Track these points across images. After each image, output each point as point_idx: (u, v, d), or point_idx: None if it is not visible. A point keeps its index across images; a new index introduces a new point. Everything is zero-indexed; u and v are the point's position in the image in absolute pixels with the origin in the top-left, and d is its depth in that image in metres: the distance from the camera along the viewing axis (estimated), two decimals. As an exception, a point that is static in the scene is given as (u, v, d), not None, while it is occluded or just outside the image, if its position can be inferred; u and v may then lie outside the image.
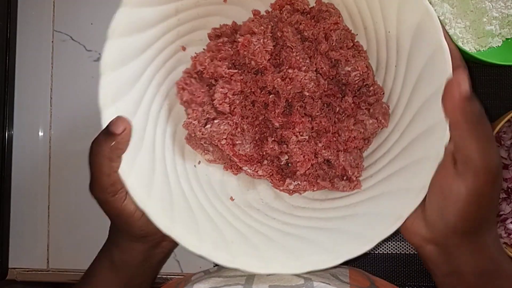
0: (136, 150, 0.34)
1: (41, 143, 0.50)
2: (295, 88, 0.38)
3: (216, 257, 0.32)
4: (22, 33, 0.50)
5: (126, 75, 0.34)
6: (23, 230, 0.50)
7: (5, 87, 0.49)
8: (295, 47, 0.38)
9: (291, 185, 0.40)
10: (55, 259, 0.50)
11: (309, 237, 0.35)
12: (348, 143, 0.39)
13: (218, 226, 0.36)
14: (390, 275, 0.46)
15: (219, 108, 0.38)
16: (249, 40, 0.38)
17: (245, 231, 0.36)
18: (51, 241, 0.50)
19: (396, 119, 0.38)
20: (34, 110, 0.50)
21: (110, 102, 0.32)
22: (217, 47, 0.40)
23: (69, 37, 0.50)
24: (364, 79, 0.39)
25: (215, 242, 0.34)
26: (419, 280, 0.46)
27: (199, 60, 0.39)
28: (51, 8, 0.50)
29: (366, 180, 0.38)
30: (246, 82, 0.39)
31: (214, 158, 0.41)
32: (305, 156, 0.39)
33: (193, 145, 0.41)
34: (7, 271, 0.49)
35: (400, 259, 0.47)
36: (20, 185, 0.50)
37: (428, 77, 0.33)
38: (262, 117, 0.40)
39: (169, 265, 0.48)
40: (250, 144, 0.40)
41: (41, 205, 0.50)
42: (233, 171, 0.42)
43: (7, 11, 0.49)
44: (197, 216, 0.36)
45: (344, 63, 0.38)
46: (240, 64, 0.40)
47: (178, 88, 0.40)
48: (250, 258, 0.33)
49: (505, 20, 0.43)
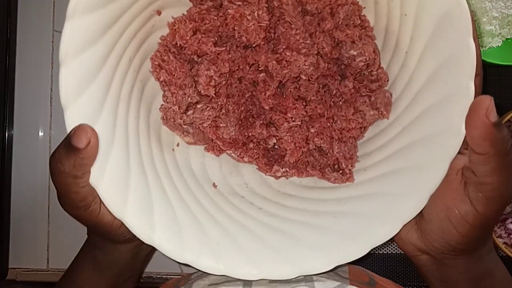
0: (107, 149, 0.29)
1: (41, 143, 0.50)
2: (291, 72, 0.33)
3: (202, 265, 0.30)
4: (22, 33, 0.50)
5: (91, 59, 0.28)
6: (23, 230, 0.50)
7: (5, 87, 0.49)
8: (294, 23, 0.32)
9: (279, 172, 0.37)
10: (55, 259, 0.50)
11: (297, 233, 0.33)
12: (344, 132, 0.36)
13: (201, 223, 0.33)
14: (390, 275, 0.47)
15: (203, 92, 0.33)
16: (241, 13, 0.31)
17: (230, 227, 0.33)
18: (51, 241, 0.50)
19: (398, 111, 0.34)
20: (34, 110, 0.50)
21: (74, 97, 0.27)
22: (200, 16, 0.33)
23: (69, 37, 0.50)
24: (369, 64, 0.34)
25: (200, 246, 0.31)
26: (419, 280, 0.47)
27: (179, 32, 0.32)
28: (51, 8, 0.50)
29: (359, 173, 0.36)
30: (234, 60, 0.33)
31: (194, 140, 0.37)
32: (296, 144, 0.35)
33: (171, 127, 0.36)
34: (7, 271, 0.49)
35: (400, 259, 0.47)
36: (20, 185, 0.50)
37: (446, 77, 0.29)
38: (249, 93, 0.35)
39: (169, 265, 0.48)
40: (235, 126, 0.35)
41: (41, 205, 0.50)
42: (215, 153, 0.38)
43: (7, 11, 0.49)
44: (179, 216, 0.32)
45: (349, 45, 0.33)
46: (227, 37, 0.34)
47: (154, 64, 0.34)
48: (237, 263, 0.31)
49: (505, 20, 0.43)
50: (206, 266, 0.30)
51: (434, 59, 0.30)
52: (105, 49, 0.29)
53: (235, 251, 0.32)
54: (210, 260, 0.30)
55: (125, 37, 0.31)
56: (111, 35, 0.29)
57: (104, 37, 0.29)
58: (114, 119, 0.31)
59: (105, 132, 0.29)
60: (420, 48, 0.31)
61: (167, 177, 0.34)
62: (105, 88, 0.30)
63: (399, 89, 0.34)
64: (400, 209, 0.30)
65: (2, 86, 0.48)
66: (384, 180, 0.33)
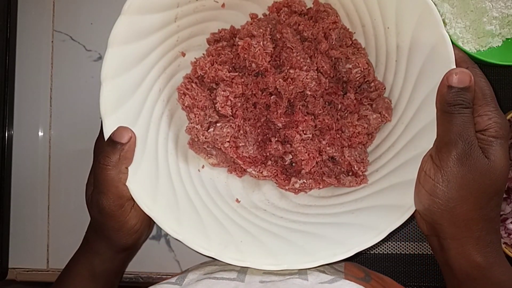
0: (139, 158, 0.34)
1: (41, 143, 0.50)
2: (297, 87, 0.38)
3: (226, 257, 0.33)
4: (22, 33, 0.50)
5: (127, 82, 0.34)
6: (23, 230, 0.50)
7: (5, 87, 0.48)
8: (295, 48, 0.38)
9: (297, 183, 0.40)
10: (55, 259, 0.49)
11: (319, 232, 0.35)
12: (353, 138, 0.39)
13: (225, 227, 0.36)
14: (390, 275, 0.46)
15: (221, 111, 0.38)
16: (249, 43, 0.38)
17: (253, 230, 0.36)
18: (51, 241, 0.50)
19: (399, 113, 0.38)
20: (34, 110, 0.50)
21: (111, 110, 0.33)
22: (216, 51, 0.40)
23: (69, 37, 0.50)
24: (365, 76, 0.39)
25: (224, 242, 0.34)
26: (419, 280, 0.46)
27: (199, 64, 0.39)
28: (51, 8, 0.50)
29: (372, 175, 0.38)
30: (247, 84, 0.39)
31: (217, 162, 0.41)
32: (310, 154, 0.39)
33: (196, 150, 0.41)
34: (7, 271, 0.49)
35: (400, 259, 0.47)
36: (20, 185, 0.50)
37: (431, 70, 0.33)
38: (264, 118, 0.40)
39: (169, 265, 0.48)
40: (253, 145, 0.40)
41: (41, 205, 0.50)
42: (237, 174, 0.42)
43: (7, 11, 0.49)
44: (203, 218, 0.36)
45: (345, 60, 0.39)
46: (240, 67, 0.40)
47: (180, 93, 0.40)
48: (260, 256, 0.33)
49: (505, 20, 0.43)
50: (230, 258, 0.33)
51: (419, 58, 0.34)
52: (138, 77, 0.36)
53: (258, 246, 0.34)
54: (234, 253, 0.33)
55: (155, 71, 0.38)
56: (143, 66, 0.36)
57: (137, 67, 0.35)
58: (146, 136, 0.36)
59: (137, 143, 0.34)
60: (406, 51, 0.36)
61: (192, 188, 0.39)
62: (138, 109, 0.36)
63: (397, 93, 0.38)
64: (412, 193, 0.32)
65: (2, 86, 0.48)
66: (396, 173, 0.35)
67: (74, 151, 0.49)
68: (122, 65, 0.33)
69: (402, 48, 0.36)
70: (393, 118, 0.39)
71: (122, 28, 0.32)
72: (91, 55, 0.50)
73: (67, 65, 0.50)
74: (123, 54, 0.33)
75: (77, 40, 0.50)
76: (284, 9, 0.40)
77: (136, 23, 0.34)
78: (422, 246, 0.46)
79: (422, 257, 0.46)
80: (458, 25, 0.43)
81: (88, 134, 0.34)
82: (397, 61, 0.38)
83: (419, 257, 0.46)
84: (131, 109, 0.35)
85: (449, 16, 0.42)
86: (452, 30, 0.42)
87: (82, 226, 0.35)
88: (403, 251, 0.47)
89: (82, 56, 0.50)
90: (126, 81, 0.34)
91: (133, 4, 0.32)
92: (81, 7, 0.50)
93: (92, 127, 0.39)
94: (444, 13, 0.42)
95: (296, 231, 0.36)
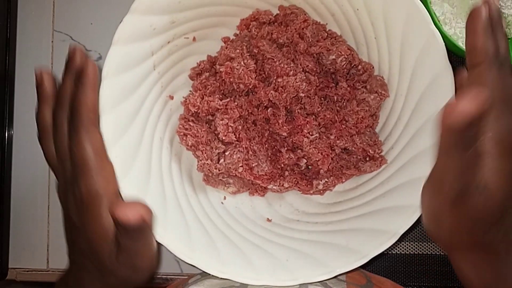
0: (163, 214, 0.34)
1: (41, 143, 0.50)
2: (289, 93, 0.38)
3: (280, 282, 0.33)
4: (22, 33, 0.50)
5: (127, 145, 0.34)
6: (23, 230, 0.50)
7: (5, 87, 0.48)
8: (275, 56, 0.38)
9: (320, 185, 0.40)
10: (55, 259, 0.49)
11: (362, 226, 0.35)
12: (358, 125, 0.39)
13: (267, 251, 0.36)
14: (390, 275, 0.46)
15: (226, 139, 0.38)
16: (230, 66, 0.38)
17: (294, 245, 0.36)
18: (51, 241, 0.50)
19: (395, 86, 0.38)
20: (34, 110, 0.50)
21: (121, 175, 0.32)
22: (202, 84, 0.40)
23: (69, 37, 0.50)
24: (350, 61, 0.39)
25: (271, 267, 0.34)
26: (419, 280, 0.46)
27: (190, 102, 0.39)
28: (51, 8, 0.50)
29: (389, 153, 0.38)
30: (241, 106, 0.39)
31: (237, 189, 0.41)
32: (323, 153, 0.39)
33: (213, 183, 0.41)
34: (7, 271, 0.49)
35: (400, 259, 0.47)
36: (20, 185, 0.50)
37: (412, 37, 0.34)
38: (267, 132, 0.40)
39: (169, 265, 0.48)
40: (266, 161, 0.40)
41: (41, 205, 0.50)
42: (259, 194, 0.42)
43: (7, 11, 0.49)
44: (243, 249, 0.36)
45: (327, 53, 0.39)
46: (229, 92, 0.40)
47: (180, 136, 0.40)
48: (311, 269, 0.33)
49: (505, 20, 0.43)
50: (284, 281, 0.33)
51: (396, 26, 0.35)
52: (136, 137, 0.35)
53: (305, 259, 0.34)
54: (285, 275, 0.33)
55: (150, 124, 0.38)
56: (137, 125, 0.36)
57: (131, 127, 0.35)
58: (163, 189, 0.36)
59: (157, 200, 0.34)
60: (382, 25, 0.36)
61: (223, 223, 0.39)
62: (147, 168, 0.36)
63: (386, 68, 0.39)
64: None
65: (2, 86, 0.48)
66: (412, 145, 0.35)
67: (74, 151, 0.49)
68: (115, 132, 0.32)
69: (377, 25, 0.37)
70: (390, 93, 0.39)
71: (105, 92, 0.32)
72: (91, 55, 0.50)
73: (67, 65, 0.50)
74: (116, 118, 0.33)
75: (77, 40, 0.50)
76: (253, 23, 0.41)
77: (117, 83, 0.33)
78: (422, 246, 0.46)
79: (422, 257, 0.46)
80: (458, 25, 0.43)
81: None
82: (376, 38, 0.38)
83: (419, 257, 0.46)
84: (141, 172, 0.34)
85: (449, 16, 0.42)
86: (452, 30, 0.42)
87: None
88: (403, 251, 0.47)
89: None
90: (126, 145, 0.33)
91: (111, 69, 0.32)
92: (81, 7, 0.50)
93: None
94: (444, 13, 0.42)
95: (336, 232, 0.36)
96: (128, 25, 0.32)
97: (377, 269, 0.46)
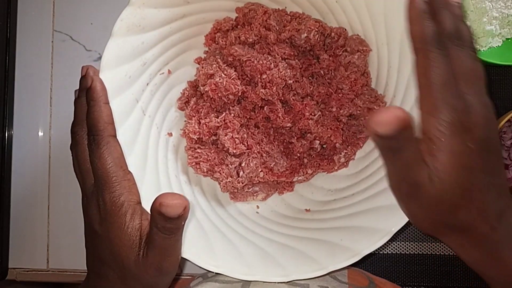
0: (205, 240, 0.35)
1: (41, 143, 0.50)
2: (278, 85, 0.38)
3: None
4: (22, 33, 0.50)
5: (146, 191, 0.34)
6: (23, 230, 0.50)
7: (5, 87, 0.48)
8: (251, 56, 0.39)
9: (341, 158, 0.40)
10: (55, 259, 0.49)
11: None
12: (353, 88, 0.39)
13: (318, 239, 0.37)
14: (390, 275, 0.46)
15: (237, 151, 0.39)
16: (213, 83, 0.38)
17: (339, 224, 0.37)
18: (51, 241, 0.50)
19: (373, 39, 0.39)
20: (34, 110, 0.50)
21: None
22: (194, 111, 0.40)
23: (69, 37, 0.50)
24: (322, 32, 0.39)
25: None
26: (419, 280, 0.46)
27: (190, 131, 0.39)
28: (51, 8, 0.50)
29: (393, 103, 0.38)
30: (239, 115, 0.39)
31: (266, 193, 0.41)
32: (332, 127, 0.39)
33: (242, 198, 0.41)
34: (7, 271, 0.49)
35: (400, 259, 0.47)
36: (20, 185, 0.50)
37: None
38: (272, 129, 0.40)
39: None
40: (282, 157, 0.40)
41: (41, 206, 0.50)
42: (288, 190, 0.42)
43: (7, 11, 0.49)
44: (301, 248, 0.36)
45: (297, 34, 0.39)
46: (222, 106, 0.40)
47: (193, 166, 0.40)
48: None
49: (505, 20, 0.43)
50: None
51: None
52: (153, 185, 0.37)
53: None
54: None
55: (161, 164, 0.39)
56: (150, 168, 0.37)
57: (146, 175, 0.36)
58: (199, 221, 0.37)
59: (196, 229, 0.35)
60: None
61: (268, 232, 0.39)
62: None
63: (358, 26, 0.39)
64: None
65: (2, 86, 0.48)
66: (412, 84, 0.35)
67: (74, 151, 0.49)
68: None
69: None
70: (372, 46, 0.39)
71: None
72: (91, 55, 0.50)
73: (67, 65, 0.50)
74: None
75: (77, 40, 0.50)
76: (217, 34, 0.41)
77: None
78: (422, 246, 0.46)
79: (422, 257, 0.46)
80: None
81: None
82: (337, 1, 0.38)
83: (419, 257, 0.46)
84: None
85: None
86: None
87: (82, 226, 0.35)
88: (403, 251, 0.46)
89: (82, 56, 0.50)
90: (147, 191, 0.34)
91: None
92: (81, 7, 0.50)
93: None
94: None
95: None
96: (106, 81, 0.33)
97: (377, 269, 0.46)
